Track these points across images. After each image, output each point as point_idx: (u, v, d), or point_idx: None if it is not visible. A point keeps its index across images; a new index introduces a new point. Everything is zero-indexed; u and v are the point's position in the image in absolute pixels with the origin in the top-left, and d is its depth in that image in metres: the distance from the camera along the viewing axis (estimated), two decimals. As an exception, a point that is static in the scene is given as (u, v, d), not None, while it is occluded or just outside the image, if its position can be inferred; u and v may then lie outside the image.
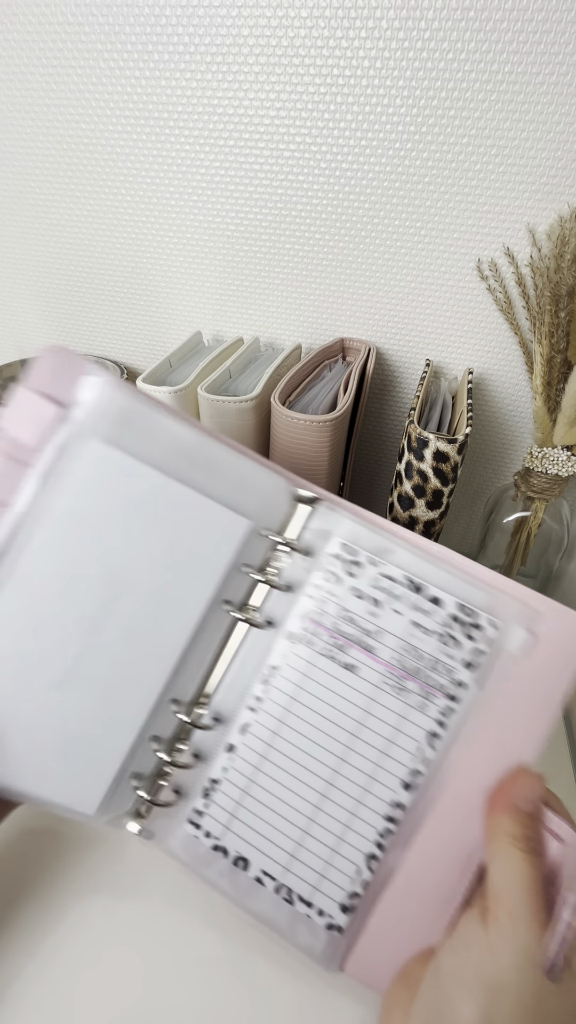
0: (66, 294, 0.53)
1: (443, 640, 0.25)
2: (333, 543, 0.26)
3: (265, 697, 0.26)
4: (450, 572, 0.25)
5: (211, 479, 0.25)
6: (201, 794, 0.26)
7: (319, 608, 0.26)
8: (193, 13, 0.37)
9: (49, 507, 0.25)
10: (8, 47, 0.41)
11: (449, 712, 0.25)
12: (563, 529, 0.45)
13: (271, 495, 0.26)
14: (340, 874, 0.25)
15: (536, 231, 0.39)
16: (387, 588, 0.25)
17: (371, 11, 0.35)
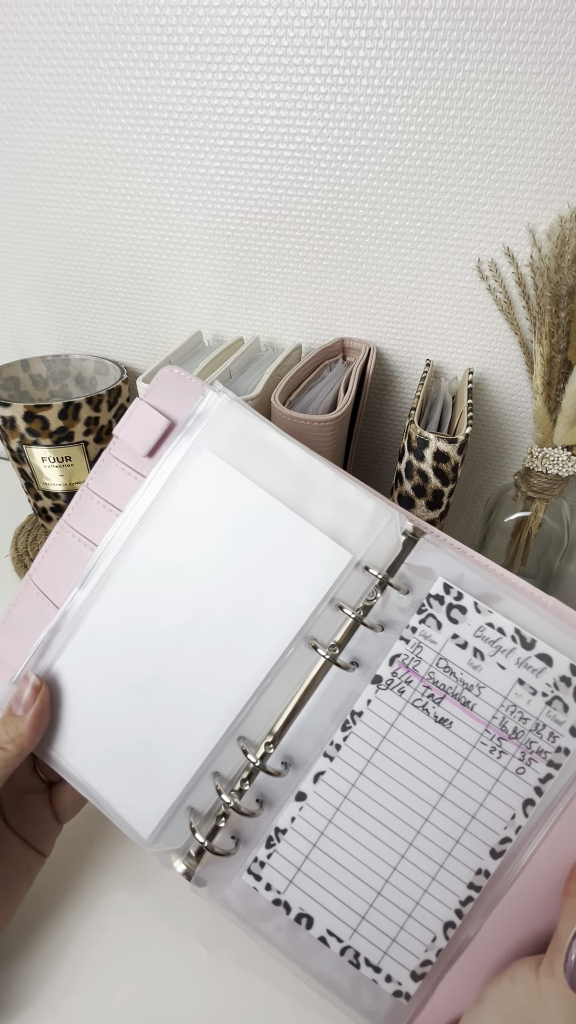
0: (66, 294, 0.53)
1: (550, 702, 0.23)
2: (436, 584, 0.24)
3: (344, 745, 0.24)
4: (561, 628, 0.23)
5: (317, 505, 0.25)
6: (264, 843, 0.24)
7: (414, 654, 0.24)
8: (193, 13, 0.37)
9: (157, 512, 0.25)
10: (8, 47, 0.41)
11: (548, 780, 0.23)
12: (563, 529, 0.45)
13: (374, 525, 0.25)
14: (414, 940, 0.23)
15: (536, 231, 0.39)
16: (493, 639, 0.23)
17: (371, 11, 0.35)
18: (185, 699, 0.25)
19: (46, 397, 0.56)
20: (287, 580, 0.24)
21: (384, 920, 0.23)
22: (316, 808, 0.24)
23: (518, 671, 0.23)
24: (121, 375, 0.52)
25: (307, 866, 0.24)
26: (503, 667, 0.23)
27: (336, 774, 0.24)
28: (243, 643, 0.24)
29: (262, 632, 0.24)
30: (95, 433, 0.49)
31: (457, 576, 0.24)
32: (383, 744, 0.24)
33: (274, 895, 0.24)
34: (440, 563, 0.24)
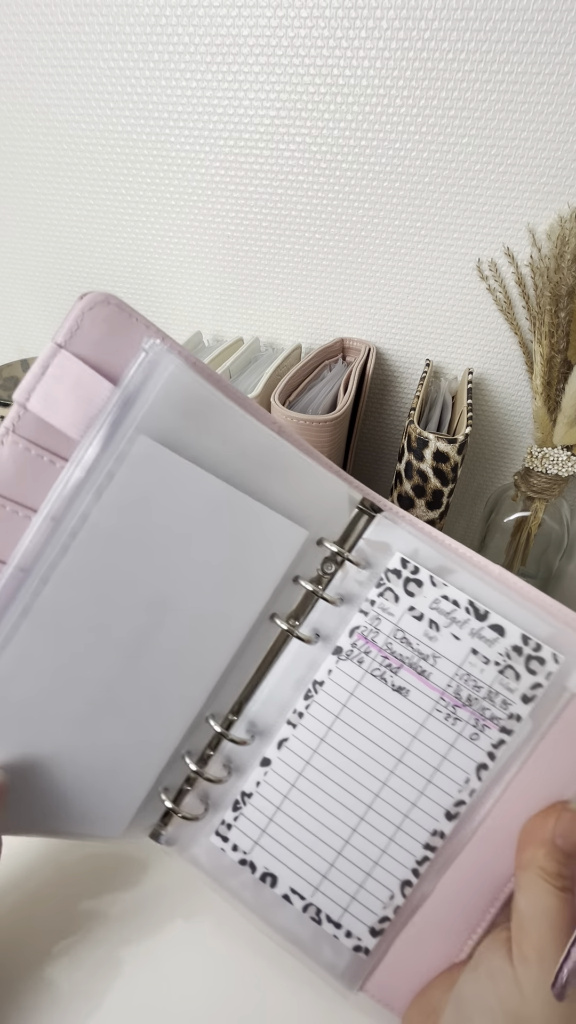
0: (66, 294, 0.53)
1: (502, 671, 0.24)
2: (393, 558, 0.25)
3: (307, 713, 0.25)
4: (513, 599, 0.24)
5: (273, 482, 0.23)
6: (231, 807, 0.25)
7: (372, 625, 0.25)
8: (193, 13, 0.37)
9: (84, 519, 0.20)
10: (8, 47, 0.41)
11: (501, 745, 0.24)
12: (563, 529, 0.45)
13: (331, 501, 0.24)
14: (372, 898, 0.24)
15: (536, 231, 0.39)
16: (447, 611, 0.24)
17: (371, 11, 0.35)
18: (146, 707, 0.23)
19: (46, 397, 0.56)
20: (247, 566, 0.24)
21: (344, 879, 0.24)
22: (280, 773, 0.25)
23: (472, 641, 0.24)
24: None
25: (271, 828, 0.25)
26: (457, 638, 0.24)
27: (299, 741, 0.25)
28: (206, 637, 0.24)
29: (225, 621, 0.24)
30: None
31: (413, 550, 0.25)
32: (343, 712, 0.25)
33: (240, 855, 0.25)
34: (397, 538, 0.25)
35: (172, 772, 0.25)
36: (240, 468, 0.22)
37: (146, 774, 0.24)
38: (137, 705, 0.23)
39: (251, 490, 0.23)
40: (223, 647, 0.24)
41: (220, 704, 0.25)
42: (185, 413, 0.21)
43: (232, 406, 0.22)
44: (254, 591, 0.24)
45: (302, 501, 0.24)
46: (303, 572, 0.25)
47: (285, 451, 0.23)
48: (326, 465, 0.25)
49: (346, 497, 0.25)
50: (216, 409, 0.21)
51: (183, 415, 0.21)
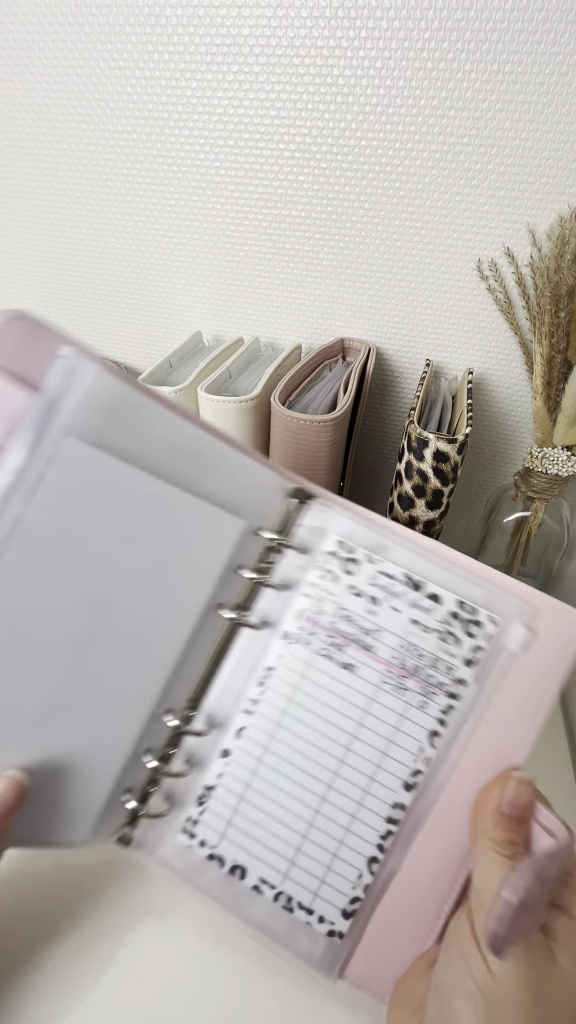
0: (66, 294, 0.53)
1: (443, 638, 0.25)
2: (329, 540, 0.26)
3: (261, 699, 0.26)
4: (447, 569, 0.25)
5: (205, 477, 0.24)
6: (195, 802, 0.26)
7: (316, 607, 0.26)
8: (193, 13, 0.37)
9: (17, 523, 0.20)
10: (8, 47, 0.41)
11: (450, 710, 0.25)
12: (563, 529, 0.45)
13: (265, 492, 0.25)
14: (341, 879, 0.25)
15: (536, 231, 0.39)
16: (385, 586, 0.25)
17: (371, 11, 0.35)
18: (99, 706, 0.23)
19: (46, 397, 0.56)
20: (187, 560, 0.24)
21: (312, 863, 0.25)
22: (240, 762, 0.25)
23: (411, 612, 0.25)
24: (121, 375, 0.52)
25: (236, 819, 0.25)
26: (397, 610, 0.25)
27: (256, 727, 0.25)
28: (154, 631, 0.24)
29: (171, 615, 0.24)
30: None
31: (348, 532, 0.26)
32: (296, 694, 0.25)
33: (208, 851, 0.25)
34: (332, 522, 0.26)
35: (133, 772, 0.25)
36: (171, 465, 0.23)
37: (106, 775, 0.24)
38: (89, 705, 0.23)
39: (185, 485, 0.23)
40: (171, 641, 0.24)
41: (176, 699, 0.25)
42: (110, 415, 0.21)
43: (156, 406, 0.22)
44: (197, 583, 0.24)
45: (236, 493, 0.24)
46: (245, 562, 0.25)
47: (213, 446, 0.24)
48: (257, 457, 0.26)
49: (279, 487, 0.25)
50: (141, 410, 0.22)
51: (109, 417, 0.21)
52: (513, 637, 0.24)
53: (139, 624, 0.23)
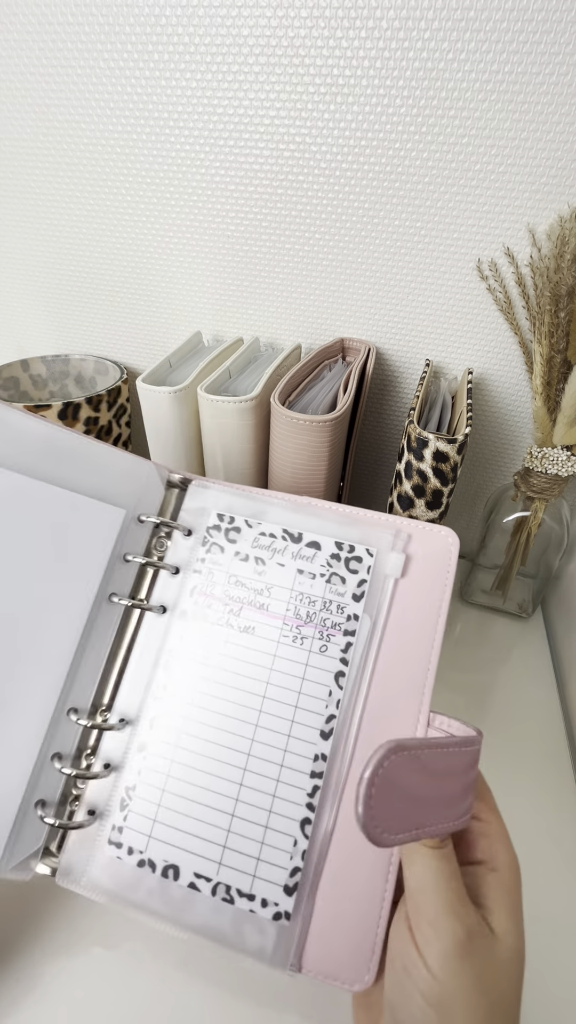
0: (66, 294, 0.53)
1: (328, 580, 0.26)
2: (211, 516, 0.27)
3: (168, 683, 0.25)
4: (322, 517, 0.27)
5: (74, 472, 0.24)
6: (119, 807, 0.25)
7: (208, 580, 0.26)
8: (193, 13, 0.37)
9: None
10: (8, 47, 0.41)
11: (349, 648, 0.25)
12: (563, 529, 0.45)
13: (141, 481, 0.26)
14: (277, 851, 0.23)
15: (536, 231, 0.39)
16: (268, 545, 0.27)
17: (371, 11, 0.35)
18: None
19: (46, 397, 0.57)
20: (70, 552, 0.24)
21: (244, 841, 0.24)
22: (158, 753, 0.25)
23: (296, 563, 0.26)
24: (121, 375, 0.52)
25: (161, 814, 0.24)
26: (282, 564, 0.26)
27: (167, 714, 0.25)
28: (43, 629, 0.23)
29: (60, 609, 0.24)
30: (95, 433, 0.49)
31: (227, 505, 0.27)
32: (202, 669, 0.26)
33: (137, 857, 0.24)
34: (211, 499, 0.27)
35: (45, 781, 0.24)
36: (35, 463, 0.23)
37: (12, 784, 0.23)
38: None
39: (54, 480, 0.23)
40: (63, 635, 0.24)
41: (80, 697, 0.25)
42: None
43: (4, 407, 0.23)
44: (83, 574, 0.24)
45: (110, 483, 0.25)
46: (133, 549, 0.26)
47: (74, 440, 0.24)
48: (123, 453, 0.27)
49: (156, 475, 0.26)
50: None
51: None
52: (391, 564, 0.26)
53: (23, 622, 0.23)
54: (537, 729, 0.40)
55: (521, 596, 0.50)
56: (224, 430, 0.39)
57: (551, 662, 0.46)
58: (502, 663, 0.46)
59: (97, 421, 0.49)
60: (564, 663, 0.45)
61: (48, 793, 0.24)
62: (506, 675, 0.44)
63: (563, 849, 0.33)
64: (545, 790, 0.36)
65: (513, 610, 0.50)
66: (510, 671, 0.45)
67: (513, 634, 0.49)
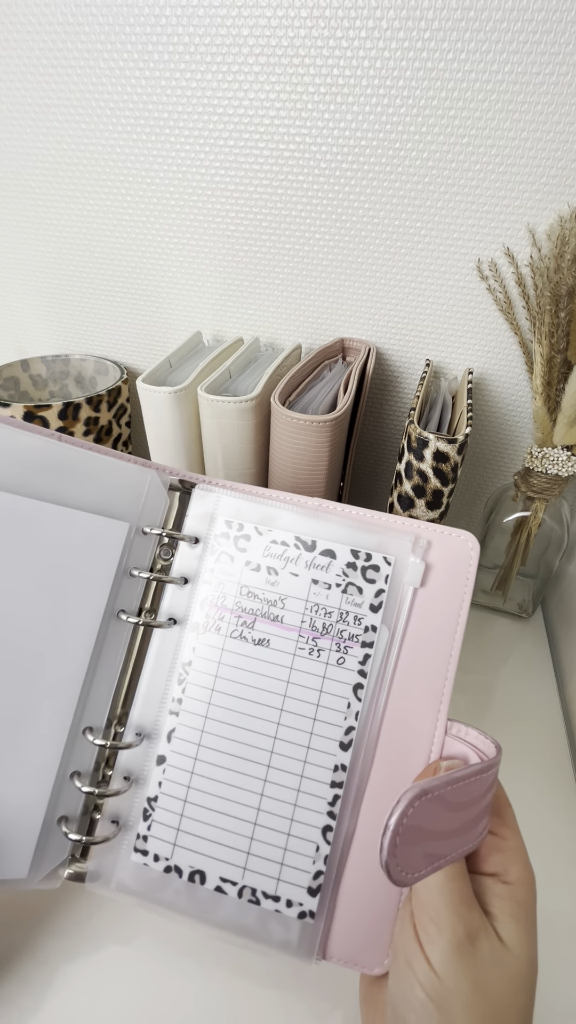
0: (66, 294, 0.53)
1: (345, 590, 0.25)
2: (218, 523, 0.26)
3: (185, 696, 0.25)
4: (335, 523, 0.25)
5: (73, 486, 0.23)
6: (142, 817, 0.25)
7: (218, 591, 0.25)
8: (193, 13, 0.37)
9: None
10: (8, 47, 0.41)
11: (367, 659, 0.25)
12: (563, 529, 0.45)
13: (144, 490, 0.25)
14: (300, 856, 0.24)
15: (536, 231, 0.39)
16: (280, 553, 0.25)
17: (371, 11, 0.35)
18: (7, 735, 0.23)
19: (46, 397, 0.57)
20: (74, 571, 0.23)
21: (268, 848, 0.24)
22: (177, 765, 0.25)
23: (310, 572, 0.25)
24: (121, 375, 0.52)
25: (185, 823, 0.25)
26: (296, 574, 0.25)
27: (185, 727, 0.25)
28: (52, 649, 0.23)
29: (68, 629, 0.23)
30: (95, 433, 0.49)
31: (235, 510, 0.26)
32: (217, 682, 0.25)
33: (163, 864, 0.25)
34: (217, 504, 0.26)
35: (66, 798, 0.24)
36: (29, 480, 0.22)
37: (34, 803, 0.23)
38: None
39: (50, 498, 0.23)
40: (73, 655, 0.24)
41: (95, 716, 0.25)
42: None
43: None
44: (89, 593, 0.24)
45: (112, 496, 0.24)
46: (138, 563, 0.25)
47: (72, 454, 0.23)
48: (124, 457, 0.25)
49: (158, 482, 0.25)
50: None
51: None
52: (410, 573, 0.25)
53: (32, 645, 0.23)
54: (537, 729, 0.40)
55: (521, 596, 0.50)
56: (224, 430, 0.39)
57: (551, 662, 0.46)
58: (502, 663, 0.46)
59: (97, 421, 0.49)
60: (564, 663, 0.45)
61: (70, 809, 0.24)
62: (506, 675, 0.44)
63: (563, 849, 0.33)
64: (545, 790, 0.36)
65: (513, 610, 0.50)
66: (510, 671, 0.45)
67: (513, 634, 0.49)
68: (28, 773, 0.23)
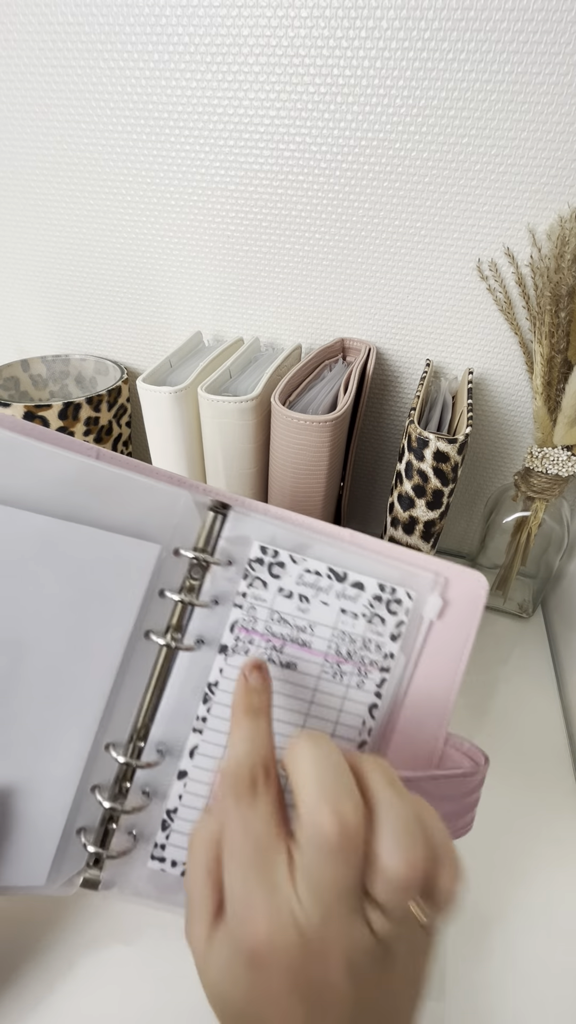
0: (66, 294, 0.53)
1: (370, 620, 0.26)
2: (253, 548, 0.26)
3: (210, 716, 0.26)
4: (365, 556, 0.27)
5: (105, 506, 0.23)
6: (160, 827, 0.26)
7: (249, 616, 0.26)
8: (193, 13, 0.37)
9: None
10: (8, 47, 0.41)
11: (383, 683, 0.26)
12: (563, 529, 0.45)
13: (177, 511, 0.24)
14: None
15: (536, 231, 0.39)
16: (312, 583, 0.26)
17: (371, 11, 0.35)
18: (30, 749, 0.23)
19: (46, 397, 0.57)
20: (104, 592, 0.23)
21: None
22: (199, 779, 0.26)
23: (339, 603, 0.26)
24: (121, 375, 0.52)
25: None
26: (326, 603, 0.26)
27: (209, 743, 0.26)
28: (78, 667, 0.23)
29: (95, 649, 0.23)
30: (95, 433, 0.49)
31: (270, 536, 0.26)
32: None
33: (181, 869, 0.26)
34: (253, 528, 0.26)
35: (85, 810, 0.24)
36: (65, 499, 0.22)
37: (54, 815, 0.23)
38: (20, 748, 0.23)
39: (84, 518, 0.22)
40: (98, 674, 0.24)
41: (118, 732, 0.25)
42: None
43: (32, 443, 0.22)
44: (117, 614, 0.24)
45: (144, 517, 0.24)
46: (169, 584, 0.25)
47: (107, 473, 0.23)
48: (162, 476, 0.25)
49: (192, 502, 0.25)
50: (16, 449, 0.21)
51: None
52: (429, 607, 0.26)
53: (60, 663, 0.23)
54: (537, 729, 0.40)
55: (521, 596, 0.50)
56: (224, 430, 0.39)
57: (551, 662, 0.46)
58: (502, 663, 0.46)
59: (97, 421, 0.49)
60: (564, 663, 0.45)
61: (89, 820, 0.25)
62: (506, 675, 0.44)
63: (563, 849, 0.33)
64: (545, 790, 0.36)
65: (513, 610, 0.50)
66: (510, 671, 0.45)
67: (513, 634, 0.49)
68: (50, 787, 0.23)
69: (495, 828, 0.33)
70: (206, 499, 0.25)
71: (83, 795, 0.24)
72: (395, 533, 0.40)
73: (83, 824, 0.25)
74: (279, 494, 0.40)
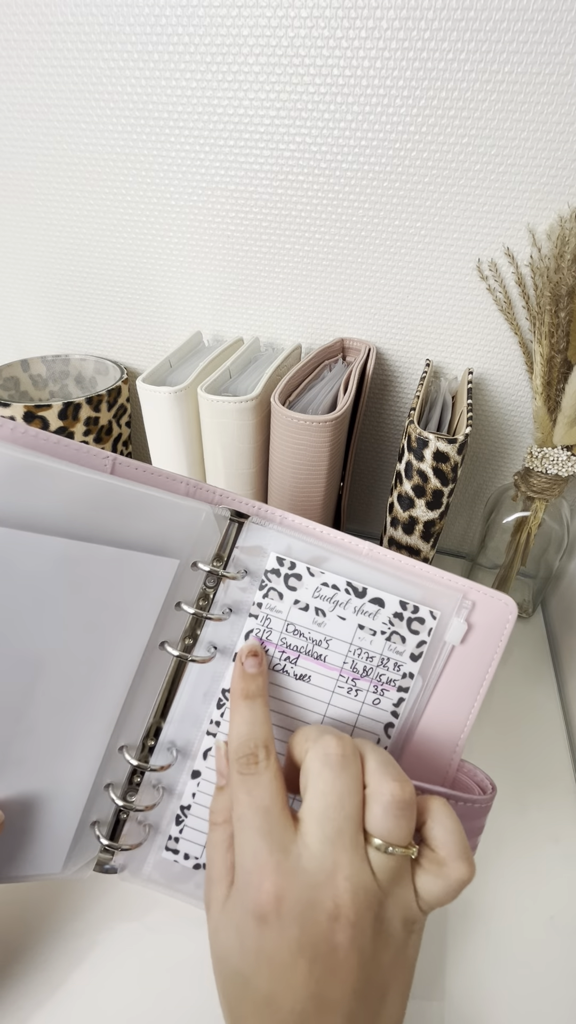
0: (66, 294, 0.53)
1: (389, 638, 0.26)
2: (269, 558, 0.26)
3: (223, 720, 0.26)
4: (385, 572, 0.26)
5: (125, 524, 0.23)
6: (174, 821, 0.26)
7: (264, 626, 0.26)
8: (193, 13, 0.37)
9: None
10: (8, 47, 0.41)
11: (401, 703, 0.26)
12: (563, 529, 0.45)
13: (196, 524, 0.24)
14: None
15: (536, 231, 0.39)
16: (329, 596, 0.25)
17: (371, 11, 0.35)
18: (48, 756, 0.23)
19: (46, 397, 0.57)
20: (121, 607, 0.23)
21: None
22: (211, 779, 0.26)
23: (357, 618, 0.26)
24: (121, 375, 0.52)
25: None
26: (343, 618, 0.26)
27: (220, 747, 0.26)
28: (95, 679, 0.24)
29: (111, 661, 0.24)
30: (95, 433, 0.49)
31: (286, 548, 0.26)
32: None
33: (194, 862, 0.26)
34: (269, 539, 0.26)
35: (99, 805, 0.25)
36: (86, 518, 0.22)
37: (70, 810, 0.24)
38: (38, 755, 0.23)
39: (104, 537, 0.22)
40: (114, 684, 0.24)
41: (131, 734, 0.25)
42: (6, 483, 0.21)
43: (51, 463, 0.22)
44: (134, 627, 0.24)
45: (164, 532, 0.24)
46: (185, 596, 0.25)
47: (127, 491, 0.23)
48: (179, 485, 0.25)
49: (211, 514, 0.25)
50: (39, 471, 0.21)
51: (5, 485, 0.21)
52: (452, 631, 0.25)
53: (77, 676, 0.23)
54: (537, 729, 0.40)
55: (521, 596, 0.50)
56: (224, 430, 0.39)
57: (551, 662, 0.46)
58: (502, 663, 0.45)
59: (97, 421, 0.49)
60: (564, 663, 0.45)
61: (102, 814, 0.25)
62: (506, 675, 0.44)
63: (563, 849, 0.33)
64: (545, 790, 0.36)
65: (513, 610, 0.50)
66: (510, 671, 0.45)
67: (513, 634, 0.48)
68: (66, 786, 0.24)
69: (495, 828, 0.33)
70: (225, 512, 0.25)
71: (97, 792, 0.25)
72: (395, 533, 0.40)
73: (97, 817, 0.25)
74: (279, 494, 0.40)
